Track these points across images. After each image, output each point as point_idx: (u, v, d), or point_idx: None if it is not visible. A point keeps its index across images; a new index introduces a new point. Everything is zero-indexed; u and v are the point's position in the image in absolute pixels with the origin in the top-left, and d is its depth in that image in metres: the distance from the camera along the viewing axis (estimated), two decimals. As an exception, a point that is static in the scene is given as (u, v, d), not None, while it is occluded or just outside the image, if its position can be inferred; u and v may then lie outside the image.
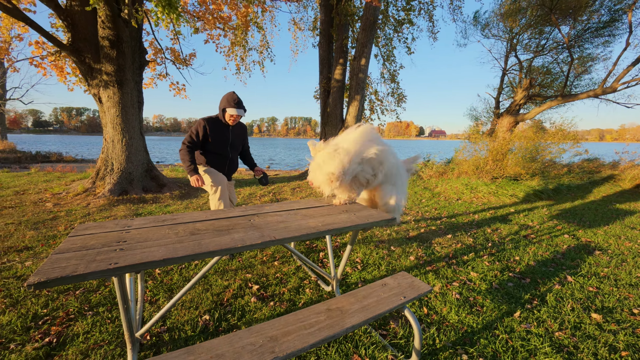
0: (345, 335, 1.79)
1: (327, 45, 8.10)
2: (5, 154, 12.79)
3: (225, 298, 2.13)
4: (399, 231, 3.73)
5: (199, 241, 1.38)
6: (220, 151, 2.71)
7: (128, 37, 5.05)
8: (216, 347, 1.19)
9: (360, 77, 7.19)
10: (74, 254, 1.20)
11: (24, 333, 1.71)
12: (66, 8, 4.92)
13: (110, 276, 1.11)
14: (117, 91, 5.14)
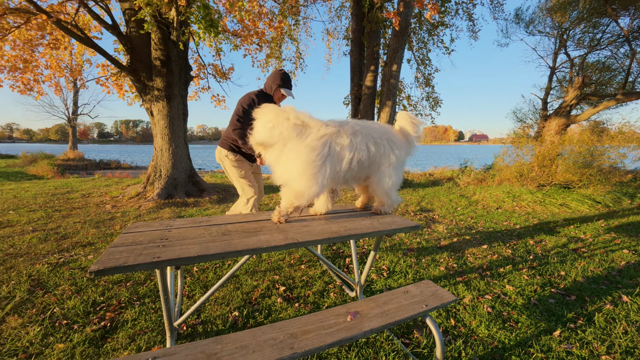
0: (367, 341, 1.80)
1: (359, 53, 8.17)
2: (75, 162, 14.68)
3: (253, 297, 2.26)
4: (429, 240, 3.61)
5: (228, 241, 1.52)
6: None
7: (176, 56, 5.61)
8: (241, 339, 1.29)
9: (391, 82, 7.14)
10: (126, 248, 1.39)
11: (85, 317, 1.98)
12: (126, 34, 5.62)
13: (154, 268, 1.27)
14: (166, 105, 5.70)
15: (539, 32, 9.74)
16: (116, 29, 5.58)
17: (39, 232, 3.62)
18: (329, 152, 1.65)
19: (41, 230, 3.70)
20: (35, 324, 1.89)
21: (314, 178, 1.63)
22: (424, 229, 4.11)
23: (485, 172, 8.73)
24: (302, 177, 1.63)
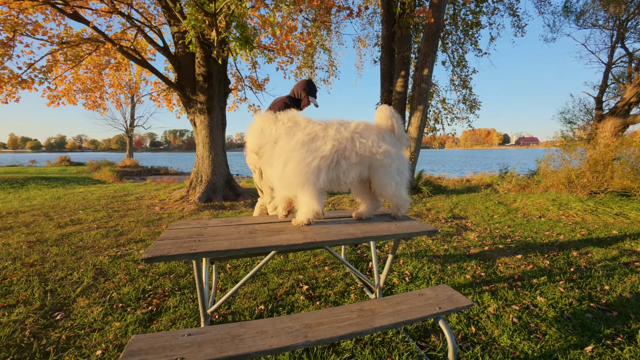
0: (382, 340, 1.86)
1: (389, 59, 8.18)
2: (131, 169, 16.43)
3: (278, 293, 2.43)
4: (458, 247, 3.52)
5: (254, 238, 1.70)
6: None
7: (216, 72, 6.14)
8: (262, 325, 1.45)
9: (422, 87, 7.04)
10: (169, 241, 1.63)
11: (136, 301, 2.30)
12: (175, 54, 6.29)
13: (190, 259, 1.49)
14: (207, 117, 6.24)
15: (591, 25, 8.91)
16: (166, 50, 6.29)
17: (101, 229, 4.20)
18: (317, 147, 1.69)
19: (103, 227, 4.29)
20: (98, 305, 2.24)
21: (306, 175, 1.66)
22: (453, 236, 4.00)
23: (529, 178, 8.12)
24: (295, 175, 1.66)
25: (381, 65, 8.47)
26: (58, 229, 4.22)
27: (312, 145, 1.68)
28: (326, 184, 1.76)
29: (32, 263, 2.98)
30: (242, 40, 4.37)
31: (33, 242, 3.63)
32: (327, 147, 1.70)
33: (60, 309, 2.19)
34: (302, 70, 11.25)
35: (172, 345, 1.27)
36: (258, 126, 1.79)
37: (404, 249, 3.45)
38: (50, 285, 2.52)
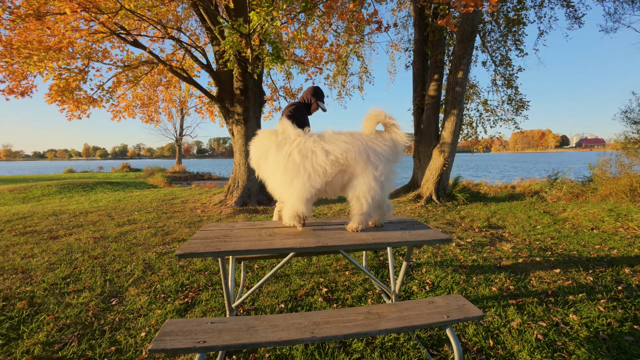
0: (393, 345, 1.90)
1: (421, 63, 8.03)
2: (179, 174, 18.00)
3: (299, 294, 2.58)
4: (488, 258, 3.36)
5: (271, 241, 1.87)
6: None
7: (252, 85, 6.59)
8: (274, 320, 1.60)
9: (457, 90, 6.79)
10: (200, 241, 1.88)
11: (175, 293, 2.61)
12: (216, 71, 6.90)
13: (215, 256, 1.70)
14: (243, 127, 6.71)
15: (663, 12, 7.79)
16: (209, 67, 6.93)
17: (151, 228, 4.75)
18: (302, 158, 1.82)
19: (153, 227, 4.84)
20: (145, 294, 2.59)
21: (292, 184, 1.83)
22: (484, 246, 3.81)
23: (584, 185, 7.33)
24: (282, 185, 1.88)
25: (413, 70, 8.35)
26: (117, 227, 4.87)
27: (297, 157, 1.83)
28: (312, 192, 1.88)
29: (96, 256, 3.51)
30: (273, 56, 4.69)
31: (98, 238, 4.24)
32: (314, 158, 1.83)
33: (115, 295, 2.58)
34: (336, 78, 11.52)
35: (197, 330, 1.48)
36: (257, 140, 1.99)
37: (429, 258, 3.40)
38: (109, 275, 2.96)
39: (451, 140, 6.97)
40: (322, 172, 1.83)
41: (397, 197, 7.74)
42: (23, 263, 3.27)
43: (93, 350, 1.84)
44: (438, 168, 7.03)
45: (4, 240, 4.11)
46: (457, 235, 4.35)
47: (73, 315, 2.24)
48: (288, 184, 1.85)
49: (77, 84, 6.03)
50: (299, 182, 1.82)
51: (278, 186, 1.94)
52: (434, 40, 7.54)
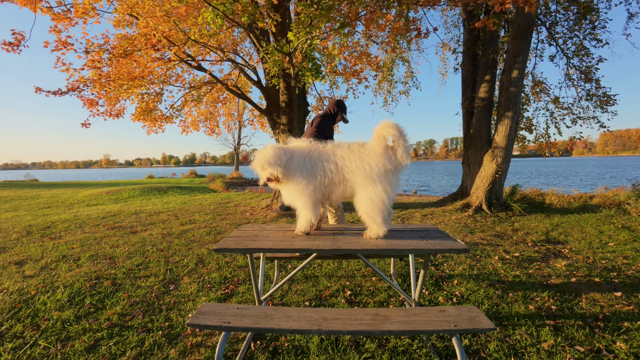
0: (405, 350, 1.94)
1: (471, 64, 7.59)
2: (236, 180, 19.69)
3: (324, 295, 2.75)
4: (534, 275, 3.08)
5: (292, 242, 2.09)
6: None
7: (296, 97, 7.05)
8: (289, 312, 1.81)
9: (511, 91, 6.26)
10: (233, 239, 2.19)
11: (219, 285, 3.01)
12: (265, 86, 7.55)
13: (243, 253, 1.99)
14: (288, 137, 7.19)
15: None
16: (259, 84, 7.62)
17: (206, 228, 5.42)
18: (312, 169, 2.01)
19: (208, 227, 5.52)
20: (195, 283, 3.04)
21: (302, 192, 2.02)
22: (533, 262, 3.48)
23: (686, 196, 6.03)
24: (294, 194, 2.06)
25: (462, 72, 7.92)
26: (180, 226, 5.67)
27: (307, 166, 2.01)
28: (317, 200, 2.06)
29: (162, 249, 4.18)
30: (313, 71, 5.01)
31: (165, 234, 5.02)
32: (319, 168, 1.99)
33: (173, 282, 3.09)
34: (380, 85, 11.50)
35: (225, 313, 1.77)
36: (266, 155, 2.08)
37: (464, 270, 3.25)
38: (170, 266, 3.53)
39: (505, 144, 6.43)
40: (321, 182, 2.00)
41: (443, 205, 7.37)
42: (110, 251, 4.08)
43: (152, 323, 2.29)
44: (490, 175, 6.53)
45: (100, 233, 5.15)
46: (503, 248, 4.03)
47: (141, 295, 2.78)
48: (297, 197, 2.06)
49: (155, 105, 7.22)
50: (305, 194, 2.02)
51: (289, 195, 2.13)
52: (485, 39, 7.08)
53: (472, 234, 4.79)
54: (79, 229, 5.50)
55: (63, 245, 4.35)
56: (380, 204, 1.98)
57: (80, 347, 2.00)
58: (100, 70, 5.79)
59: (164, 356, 1.91)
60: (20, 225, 5.80)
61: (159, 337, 2.11)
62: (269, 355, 1.92)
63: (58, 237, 4.87)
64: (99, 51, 5.36)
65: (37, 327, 2.24)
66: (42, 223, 6.01)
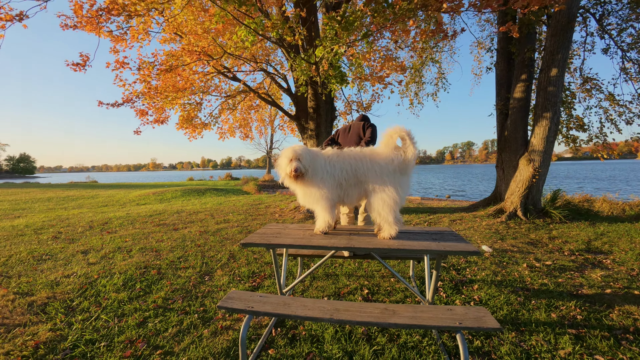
0: (415, 345, 2.03)
1: (505, 63, 7.26)
2: (268, 183, 20.45)
3: (342, 292, 2.90)
4: (563, 284, 2.95)
5: (310, 239, 2.29)
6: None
7: (323, 103, 7.30)
8: (305, 302, 2.00)
9: (549, 90, 5.92)
10: (258, 235, 2.45)
11: (247, 279, 3.30)
12: (295, 94, 7.91)
13: (266, 247, 2.22)
14: (315, 141, 7.45)
15: None
16: (289, 91, 8.00)
17: (239, 227, 5.83)
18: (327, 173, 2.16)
19: (240, 226, 5.93)
20: (227, 275, 3.37)
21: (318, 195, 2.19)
22: (566, 271, 3.31)
23: None
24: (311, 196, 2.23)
25: (496, 71, 7.59)
26: (216, 225, 6.15)
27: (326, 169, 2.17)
28: (334, 201, 2.22)
29: (199, 245, 4.62)
30: (338, 78, 5.20)
31: (202, 232, 5.50)
32: (337, 172, 2.15)
33: (208, 274, 3.44)
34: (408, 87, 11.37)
35: (249, 299, 2.02)
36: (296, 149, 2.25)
37: (487, 275, 3.20)
38: (206, 259, 3.92)
39: (543, 147, 6.07)
40: (337, 185, 2.16)
41: (474, 211, 7.10)
42: (156, 245, 4.60)
43: (189, 307, 2.62)
44: (526, 180, 6.19)
45: (147, 229, 5.78)
46: (534, 256, 3.86)
47: (181, 283, 3.15)
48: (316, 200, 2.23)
49: (195, 114, 7.91)
50: (323, 196, 2.19)
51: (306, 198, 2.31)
52: (520, 37, 6.75)
53: (502, 241, 4.62)
54: (131, 225, 6.22)
55: (118, 239, 4.99)
56: (392, 203, 2.11)
57: (132, 323, 2.37)
58: (150, 83, 6.52)
59: (198, 334, 2.21)
60: (84, 221, 6.70)
61: (195, 319, 2.42)
62: (288, 341, 2.12)
63: (114, 232, 5.57)
64: (149, 67, 6.06)
65: (99, 305, 2.68)
66: (101, 219, 6.88)
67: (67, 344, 2.09)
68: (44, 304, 2.68)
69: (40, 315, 2.49)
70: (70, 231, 5.65)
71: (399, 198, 2.13)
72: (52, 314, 2.50)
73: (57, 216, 7.43)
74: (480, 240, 4.66)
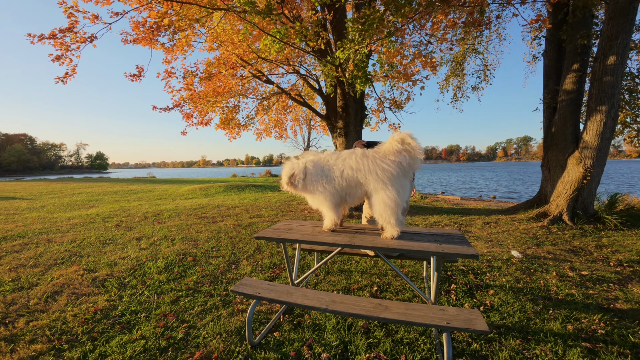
0: (410, 342, 2.10)
1: (555, 52, 6.59)
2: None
3: (352, 287, 3.04)
4: (595, 296, 2.72)
5: (317, 236, 2.47)
6: None
7: (352, 103, 7.37)
8: (306, 292, 2.20)
9: (606, 81, 5.27)
10: (272, 230, 2.70)
11: (268, 269, 3.60)
12: (325, 94, 8.09)
13: (276, 242, 2.46)
14: (344, 139, 7.56)
15: None
16: (320, 91, 8.21)
17: (269, 222, 6.23)
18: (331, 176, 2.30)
19: (270, 221, 6.33)
20: (250, 266, 3.71)
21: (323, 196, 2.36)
22: (602, 283, 3.02)
23: None
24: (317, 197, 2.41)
25: (545, 61, 6.92)
26: (249, 219, 6.64)
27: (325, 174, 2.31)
28: (337, 202, 2.36)
29: (232, 237, 5.08)
30: (362, 78, 5.26)
31: (236, 225, 6.00)
32: (336, 175, 2.27)
33: (234, 263, 3.82)
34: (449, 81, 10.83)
35: (257, 286, 2.27)
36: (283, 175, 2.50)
37: (507, 282, 3.07)
38: (234, 250, 4.32)
39: (597, 145, 5.44)
40: (339, 186, 2.28)
41: (513, 213, 6.61)
42: (195, 235, 5.17)
43: (214, 291, 2.98)
44: (575, 181, 5.62)
45: (190, 221, 6.48)
46: (571, 265, 3.57)
47: (210, 270, 3.56)
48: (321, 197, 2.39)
49: (233, 116, 8.54)
50: (327, 199, 2.35)
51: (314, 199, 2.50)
52: (573, 22, 6.07)
53: (537, 247, 4.31)
54: (177, 217, 7.01)
55: (165, 229, 5.69)
56: (394, 205, 2.19)
57: (168, 300, 2.79)
58: (193, 90, 7.23)
59: (218, 314, 2.54)
60: (141, 212, 7.71)
61: (217, 301, 2.77)
62: (292, 327, 2.34)
63: (163, 222, 6.35)
64: (191, 76, 6.73)
65: (144, 283, 3.18)
66: (154, 211, 7.85)
67: (117, 312, 2.56)
68: (104, 279, 3.27)
69: (100, 288, 3.05)
70: (129, 220, 6.57)
71: (400, 200, 2.20)
72: (108, 288, 3.04)
73: (120, 207, 8.63)
74: (512, 245, 4.40)
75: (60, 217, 7.00)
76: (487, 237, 4.88)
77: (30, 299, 2.80)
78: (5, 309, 2.61)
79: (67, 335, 2.23)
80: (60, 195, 12.29)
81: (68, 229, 5.64)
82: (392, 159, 2.19)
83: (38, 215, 7.21)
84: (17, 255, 4.06)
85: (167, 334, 2.24)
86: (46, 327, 2.33)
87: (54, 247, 4.47)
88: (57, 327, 2.33)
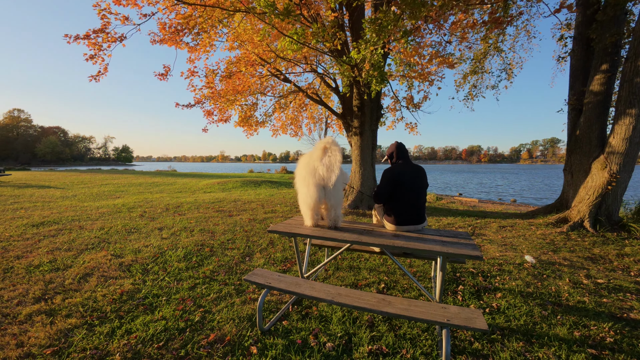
0: (413, 338, 2.17)
1: (583, 52, 6.30)
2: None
3: (359, 283, 3.12)
4: (609, 305, 2.67)
5: (325, 232, 2.58)
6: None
7: (368, 102, 7.39)
8: (314, 284, 2.31)
9: (637, 82, 5.02)
10: (284, 225, 2.83)
11: (280, 263, 3.75)
12: (342, 93, 8.15)
13: (288, 236, 2.59)
14: (359, 139, 7.60)
15: None
16: (337, 90, 8.27)
17: (283, 217, 6.40)
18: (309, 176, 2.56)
19: (284, 217, 6.50)
20: (263, 258, 3.87)
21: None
22: (618, 293, 2.94)
23: None
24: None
25: (571, 61, 6.63)
26: (264, 214, 6.85)
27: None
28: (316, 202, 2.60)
29: (247, 230, 5.28)
30: (378, 78, 5.28)
31: (251, 219, 6.22)
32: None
33: (248, 255, 4.01)
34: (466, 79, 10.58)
35: (268, 277, 2.41)
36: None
37: (518, 285, 3.05)
38: (249, 243, 4.51)
39: (624, 149, 5.20)
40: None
41: (532, 218, 6.43)
42: (212, 228, 5.42)
43: (229, 280, 3.16)
44: (599, 186, 5.40)
45: (208, 214, 6.77)
46: (587, 273, 3.48)
47: (226, 261, 3.76)
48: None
49: (251, 113, 8.77)
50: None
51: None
52: (604, 20, 5.78)
53: (554, 253, 4.21)
54: (196, 209, 7.33)
55: (185, 220, 5.99)
56: (310, 201, 2.60)
57: (186, 286, 3.00)
58: (214, 88, 7.50)
59: (231, 301, 2.71)
60: (162, 204, 8.12)
61: (231, 290, 2.94)
62: (300, 317, 2.47)
63: (183, 214, 6.67)
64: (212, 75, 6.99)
65: (165, 270, 3.41)
66: (175, 203, 8.24)
67: (141, 295, 2.79)
68: (129, 264, 3.53)
69: (126, 272, 3.31)
70: (152, 211, 6.95)
71: (317, 197, 2.57)
72: (133, 273, 3.30)
73: (144, 198, 9.11)
74: (526, 250, 4.32)
75: (90, 205, 7.51)
76: (501, 241, 4.81)
77: (65, 279, 3.09)
78: (45, 286, 2.91)
79: (97, 313, 2.47)
80: (90, 185, 13.09)
81: (97, 217, 6.06)
82: (318, 157, 2.62)
83: (70, 204, 7.76)
84: (53, 240, 4.44)
85: (185, 317, 2.44)
86: (79, 305, 2.58)
87: (85, 233, 4.84)
88: (89, 304, 2.59)
